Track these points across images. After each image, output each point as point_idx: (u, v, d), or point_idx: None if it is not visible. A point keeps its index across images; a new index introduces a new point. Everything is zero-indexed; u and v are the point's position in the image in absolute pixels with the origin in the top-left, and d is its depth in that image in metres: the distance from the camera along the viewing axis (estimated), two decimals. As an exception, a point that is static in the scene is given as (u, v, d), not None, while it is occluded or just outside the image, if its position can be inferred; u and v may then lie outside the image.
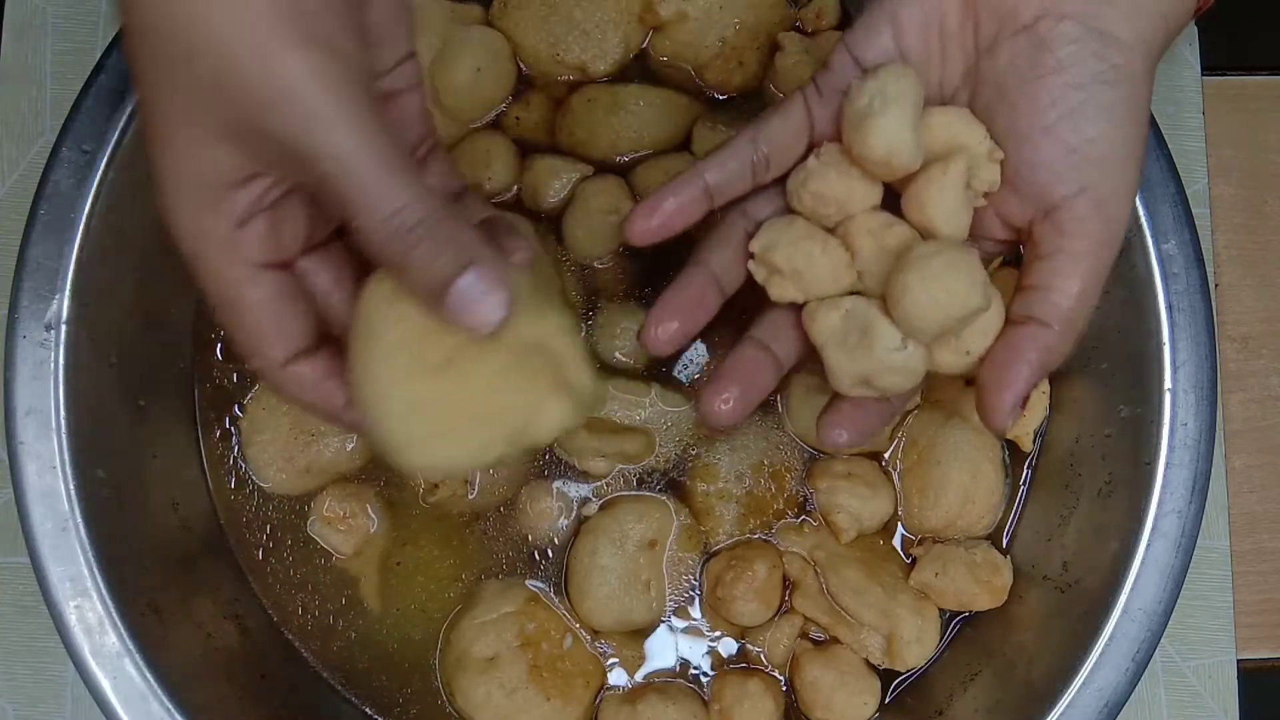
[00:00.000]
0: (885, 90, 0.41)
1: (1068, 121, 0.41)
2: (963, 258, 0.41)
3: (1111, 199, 0.42)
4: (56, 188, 0.50)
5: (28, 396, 0.49)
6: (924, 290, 0.40)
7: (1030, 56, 0.41)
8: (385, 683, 0.57)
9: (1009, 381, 0.42)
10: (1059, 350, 0.42)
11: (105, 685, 0.49)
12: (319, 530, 0.57)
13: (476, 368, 0.38)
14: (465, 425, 0.38)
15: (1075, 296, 0.42)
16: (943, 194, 0.43)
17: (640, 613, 0.56)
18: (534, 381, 0.39)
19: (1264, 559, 0.62)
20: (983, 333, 0.43)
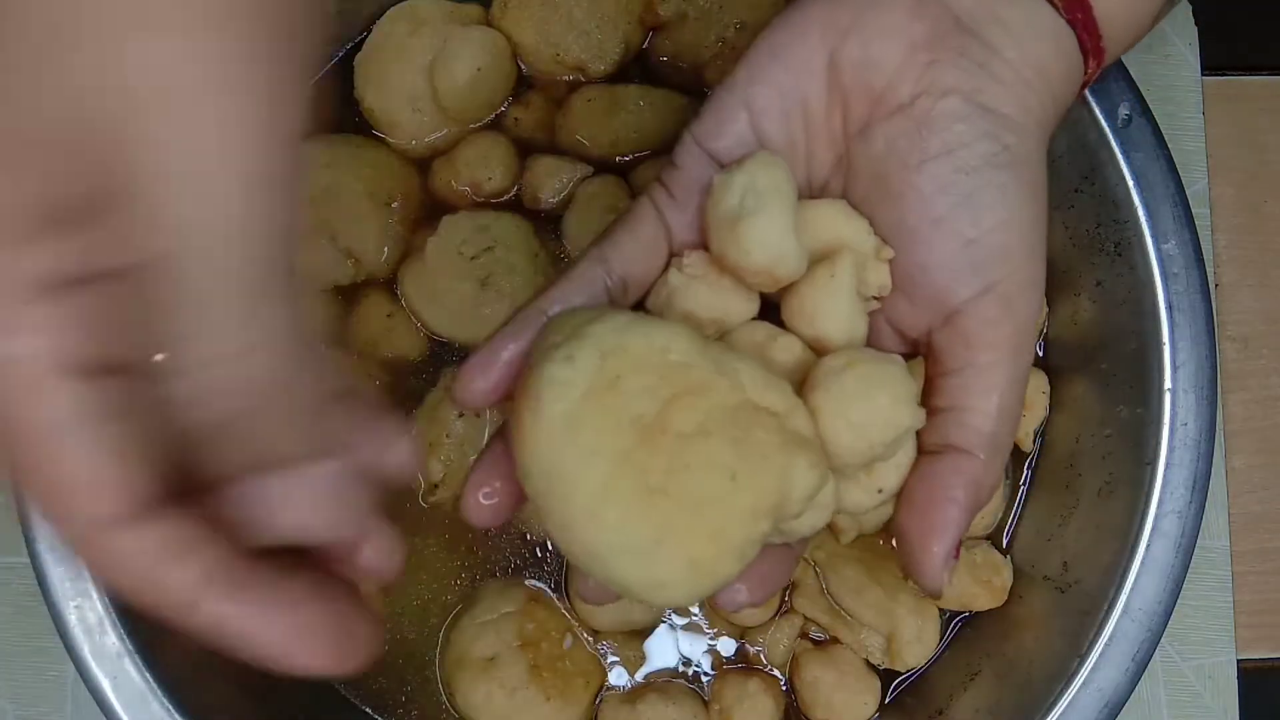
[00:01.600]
0: (757, 184, 0.35)
1: (962, 211, 0.36)
2: (882, 369, 0.35)
3: (1020, 295, 0.36)
4: (56, 188, 0.50)
5: (28, 396, 0.49)
6: (839, 414, 0.34)
7: (911, 140, 0.36)
8: (385, 683, 0.57)
9: (938, 528, 0.36)
10: (988, 482, 0.36)
11: (105, 685, 0.49)
12: (318, 531, 0.57)
13: (703, 467, 0.32)
14: (719, 537, 0.32)
15: (995, 416, 0.36)
16: (835, 301, 0.36)
17: (640, 613, 0.56)
18: (767, 451, 0.33)
19: (1264, 559, 0.62)
20: (896, 466, 0.37)
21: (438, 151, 0.59)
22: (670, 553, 0.31)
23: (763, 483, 0.32)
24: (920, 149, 0.36)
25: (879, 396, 0.34)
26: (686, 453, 0.31)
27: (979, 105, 0.36)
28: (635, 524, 0.31)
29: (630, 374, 0.32)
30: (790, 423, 0.33)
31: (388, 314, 0.57)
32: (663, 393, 0.32)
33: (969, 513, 0.36)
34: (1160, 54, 0.64)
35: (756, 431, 0.32)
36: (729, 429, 0.32)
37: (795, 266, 0.36)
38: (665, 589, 0.32)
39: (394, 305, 0.58)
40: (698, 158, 0.38)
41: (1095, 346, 0.55)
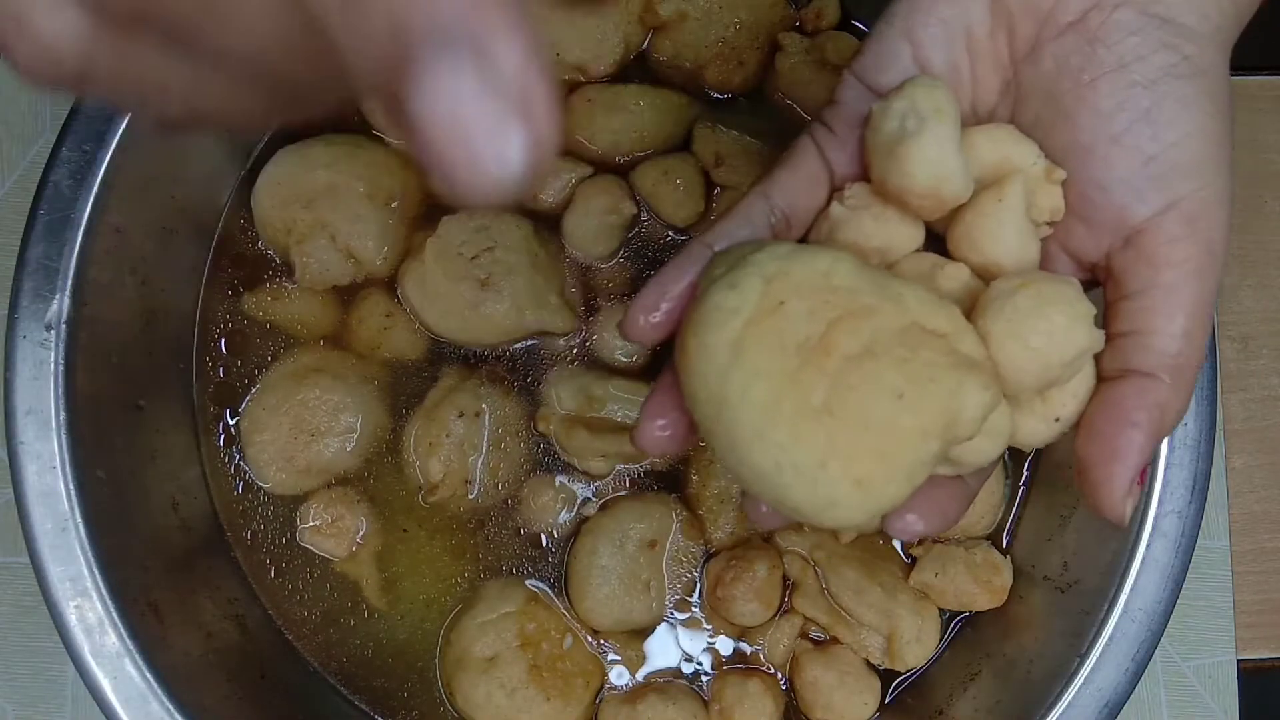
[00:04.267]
0: (918, 106, 0.34)
1: (1141, 126, 0.34)
2: (1056, 288, 0.34)
3: (1205, 213, 0.34)
4: (56, 188, 0.50)
5: (28, 396, 0.49)
6: (1016, 336, 0.33)
7: (1084, 56, 0.35)
8: (385, 683, 0.57)
9: (1119, 453, 0.34)
10: (1174, 407, 0.35)
11: (105, 685, 0.49)
12: (309, 539, 0.57)
13: (868, 387, 0.31)
14: (887, 457, 0.32)
15: (1181, 338, 0.34)
16: (1001, 226, 0.35)
17: (640, 613, 0.56)
18: (935, 373, 0.32)
19: (1264, 559, 0.62)
20: (1074, 395, 0.35)
21: (438, 151, 0.59)
22: (837, 472, 0.31)
23: (931, 402, 0.32)
24: (1094, 64, 0.35)
25: (1054, 315, 0.33)
26: (852, 373, 0.31)
27: (1154, 15, 0.35)
28: (802, 444, 0.31)
29: (793, 298, 0.32)
30: (960, 345, 0.33)
31: (387, 314, 0.57)
32: (826, 315, 0.32)
33: (1154, 439, 0.35)
34: (1160, 54, 0.64)
35: (924, 352, 0.32)
36: (895, 350, 0.32)
37: (960, 187, 0.35)
38: (835, 508, 0.32)
39: (394, 305, 0.58)
40: (859, 93, 0.37)
41: (1095, 346, 0.55)
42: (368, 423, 0.57)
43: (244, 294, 0.58)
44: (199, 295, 0.58)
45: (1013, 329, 0.33)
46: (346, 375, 0.57)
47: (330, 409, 0.56)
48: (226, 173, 0.58)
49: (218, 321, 0.58)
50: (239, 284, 0.58)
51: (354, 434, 0.57)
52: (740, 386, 0.31)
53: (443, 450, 0.56)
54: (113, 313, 0.52)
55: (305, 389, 0.56)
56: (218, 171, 0.58)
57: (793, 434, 0.31)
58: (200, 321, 0.58)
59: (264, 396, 0.57)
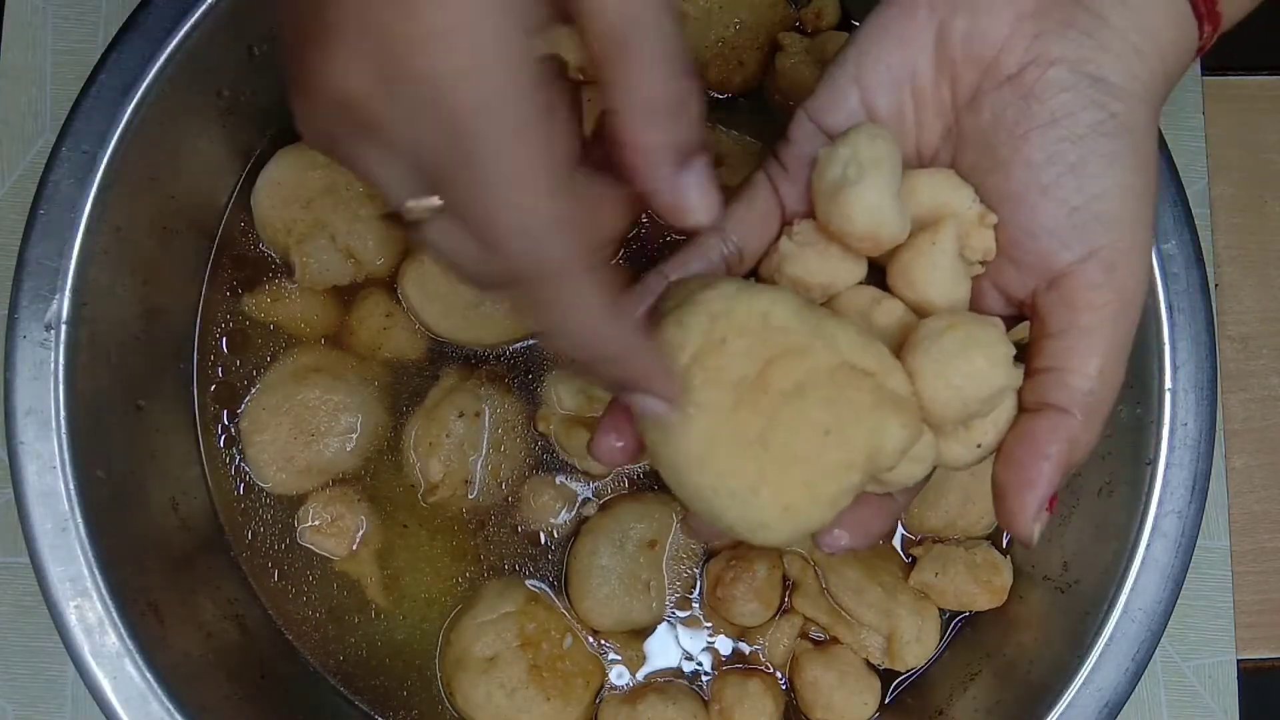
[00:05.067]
0: (860, 155, 0.37)
1: (1068, 178, 0.37)
2: (981, 331, 0.37)
3: (1124, 262, 0.37)
4: (56, 188, 0.50)
5: (28, 396, 0.49)
6: (938, 374, 0.36)
7: (1018, 109, 0.37)
8: (385, 682, 0.57)
9: (1031, 482, 0.37)
10: (1084, 441, 0.37)
11: (105, 685, 0.49)
12: (309, 539, 0.57)
13: (798, 424, 0.35)
14: (812, 487, 0.35)
15: (1095, 378, 0.37)
16: (935, 266, 0.38)
17: (640, 613, 0.56)
18: (860, 412, 0.35)
19: (1264, 559, 0.62)
20: (995, 424, 0.38)
21: (438, 151, 0.59)
22: (767, 499, 0.35)
23: (854, 439, 0.35)
24: (1027, 117, 0.37)
25: (976, 357, 0.36)
26: (784, 410, 0.34)
27: (1086, 74, 0.37)
28: (736, 472, 0.34)
29: (734, 336, 0.35)
30: (886, 382, 0.36)
31: (387, 314, 0.57)
32: (763, 354, 0.35)
33: (1063, 469, 0.37)
34: (1160, 54, 0.64)
35: (850, 391, 0.35)
36: (824, 389, 0.35)
37: (896, 230, 0.37)
38: (765, 529, 0.35)
39: (394, 305, 0.58)
40: (810, 133, 0.40)
41: (1095, 346, 0.55)
42: (368, 423, 0.57)
43: (244, 294, 0.58)
44: (199, 295, 0.58)
45: (938, 368, 0.36)
46: (346, 375, 0.57)
47: (330, 409, 0.56)
48: (226, 173, 0.58)
49: (218, 321, 0.58)
50: (239, 284, 0.58)
51: (354, 434, 0.57)
52: (684, 417, 0.34)
53: (443, 450, 0.56)
54: (113, 313, 0.52)
55: (305, 389, 0.56)
56: (218, 171, 0.58)
57: (729, 463, 0.34)
58: (200, 321, 0.58)
59: (264, 396, 0.57)
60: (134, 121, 0.50)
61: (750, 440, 0.34)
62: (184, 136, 0.54)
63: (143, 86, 0.50)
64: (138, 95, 0.50)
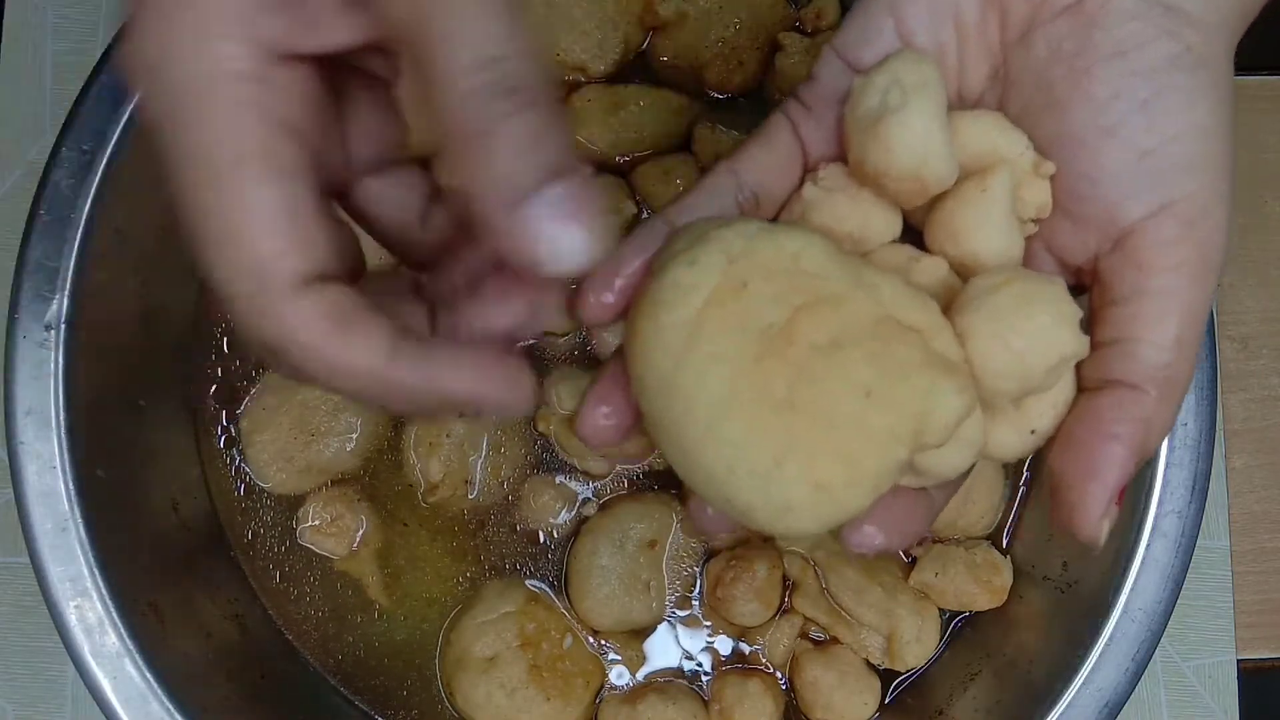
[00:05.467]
0: (902, 81, 0.31)
1: (1137, 117, 0.32)
2: (1041, 287, 0.31)
3: (1204, 215, 0.32)
4: (56, 188, 0.50)
5: (28, 396, 0.49)
6: (994, 334, 0.30)
7: (1079, 41, 0.32)
8: (385, 682, 0.57)
9: (1097, 470, 0.32)
10: (1160, 422, 0.32)
11: (105, 685, 0.49)
12: (309, 539, 0.57)
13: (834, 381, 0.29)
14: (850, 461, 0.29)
15: (1171, 349, 0.32)
16: (984, 218, 0.33)
17: (640, 613, 0.56)
18: (908, 371, 0.29)
19: (1264, 559, 0.62)
20: (1052, 405, 0.33)
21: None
22: (795, 474, 0.29)
23: (902, 403, 0.29)
24: (1090, 50, 0.32)
25: (1039, 315, 0.30)
26: (817, 365, 0.29)
27: (1158, 1, 0.32)
28: (757, 440, 0.29)
29: (758, 279, 0.29)
30: (935, 343, 0.30)
31: (388, 314, 0.57)
32: (793, 300, 0.29)
33: (1136, 456, 0.32)
34: (1160, 54, 0.64)
35: (897, 347, 0.29)
36: (866, 343, 0.29)
37: (945, 170, 0.32)
38: (789, 513, 0.29)
39: (394, 305, 0.58)
40: (838, 70, 0.35)
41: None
42: (368, 423, 0.57)
43: (244, 294, 0.58)
44: (199, 295, 0.58)
45: (993, 328, 0.31)
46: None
47: (330, 409, 0.56)
48: (226, 173, 0.58)
49: (218, 321, 0.58)
50: (239, 284, 0.58)
51: (354, 434, 0.57)
52: (695, 372, 0.29)
53: (443, 450, 0.56)
54: (113, 313, 0.52)
55: (305, 389, 0.56)
56: (218, 171, 0.58)
57: (749, 427, 0.29)
58: (200, 321, 0.58)
59: (264, 396, 0.57)
60: (134, 121, 0.50)
61: (776, 400, 0.28)
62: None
63: (143, 86, 0.50)
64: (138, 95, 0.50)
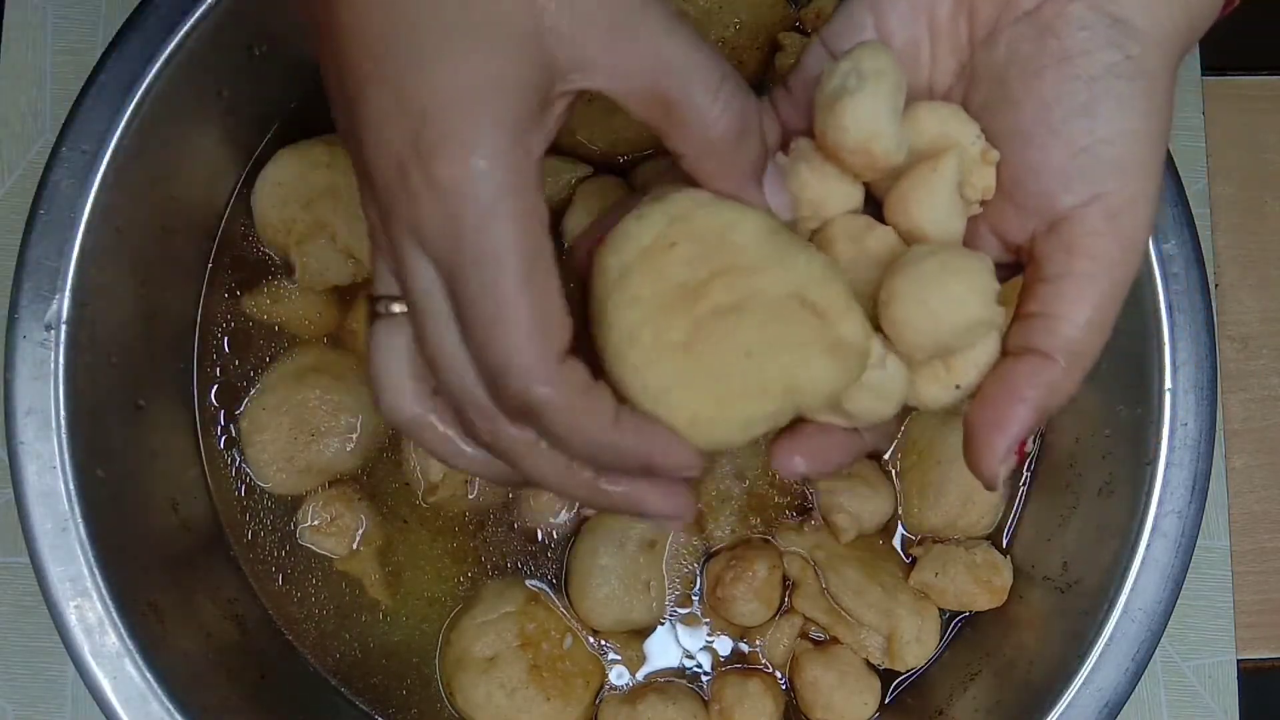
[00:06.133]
0: (861, 67, 0.36)
1: (1078, 119, 0.36)
2: (964, 260, 0.36)
3: (1128, 210, 0.36)
4: (56, 188, 0.50)
5: (28, 396, 0.49)
6: (916, 297, 0.35)
7: (1034, 45, 0.36)
8: (385, 682, 0.57)
9: (1002, 422, 0.36)
10: (1064, 389, 0.37)
11: (105, 685, 0.49)
12: (309, 539, 0.57)
13: (724, 338, 0.34)
14: (722, 404, 0.35)
15: (1084, 326, 0.36)
16: (932, 195, 0.37)
17: (640, 613, 0.56)
18: (791, 343, 0.35)
19: (1264, 559, 0.62)
20: (975, 365, 0.37)
21: (438, 151, 0.59)
22: (676, 402, 0.35)
23: (773, 368, 0.35)
24: (1042, 54, 0.36)
25: (954, 283, 0.35)
26: (715, 323, 0.34)
27: (1107, 13, 0.36)
28: (654, 369, 0.34)
29: (685, 242, 0.35)
30: (838, 325, 0.35)
31: (388, 314, 0.57)
32: (710, 265, 0.34)
33: (1038, 415, 0.36)
34: (1160, 54, 0.64)
35: (789, 323, 0.35)
36: (762, 313, 0.34)
37: (889, 146, 0.36)
38: (680, 430, 0.35)
39: (394, 305, 0.58)
40: (821, 58, 0.40)
41: (1095, 346, 0.55)
42: (368, 423, 0.57)
43: (244, 294, 0.58)
44: (199, 295, 0.58)
45: (915, 290, 0.35)
46: (346, 375, 0.57)
47: (330, 409, 0.56)
48: (226, 173, 0.58)
49: (218, 321, 0.58)
50: (239, 284, 0.58)
51: (354, 434, 0.57)
52: (615, 307, 0.34)
53: (443, 450, 0.56)
54: (113, 313, 0.52)
55: (305, 389, 0.56)
56: (218, 171, 0.58)
57: (646, 359, 0.34)
58: (200, 321, 0.58)
59: (264, 396, 0.57)
60: (134, 121, 0.50)
61: (672, 343, 0.34)
62: (184, 136, 0.54)
63: (143, 86, 0.50)
64: (138, 95, 0.50)
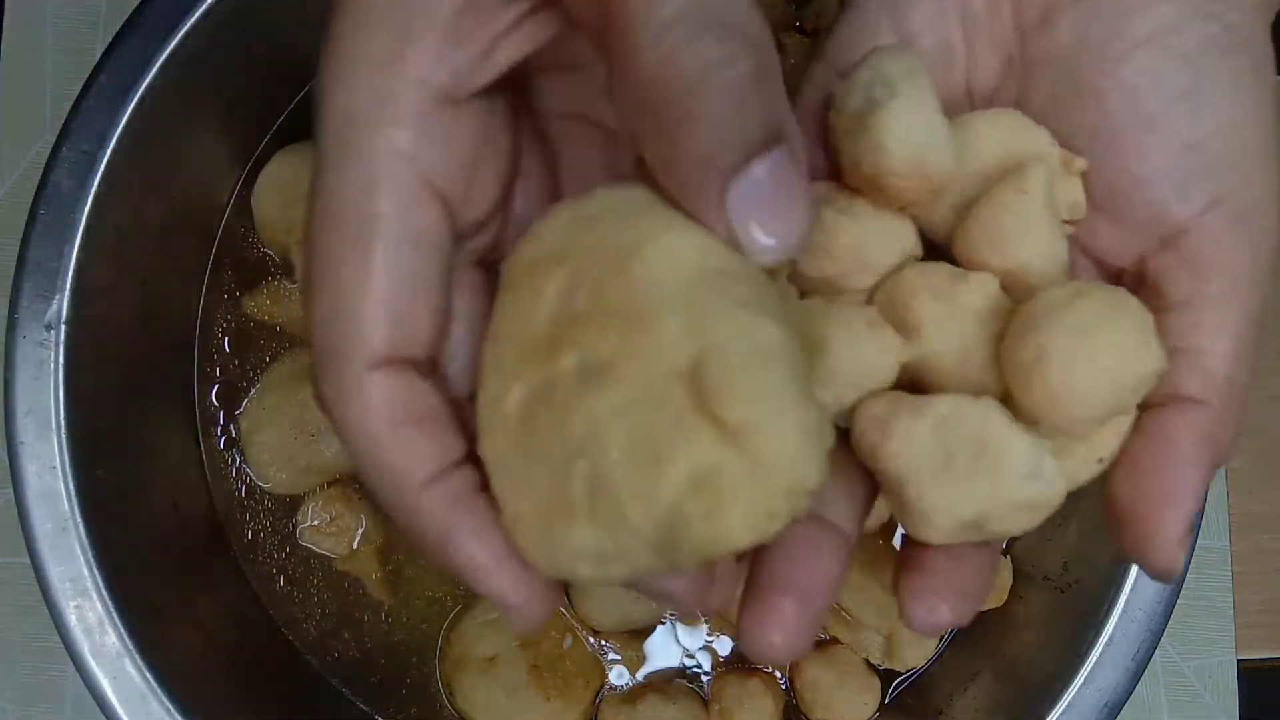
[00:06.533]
0: (885, 74, 0.29)
1: (1180, 107, 0.29)
2: (1119, 297, 0.28)
3: (1255, 211, 0.29)
4: (56, 188, 0.50)
5: (28, 396, 0.49)
6: (1078, 350, 0.27)
7: (1109, 24, 0.30)
8: (385, 682, 0.57)
9: (1170, 496, 0.28)
10: (1224, 437, 0.29)
11: (105, 685, 0.49)
12: (309, 539, 0.57)
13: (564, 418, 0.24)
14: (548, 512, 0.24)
15: (1230, 359, 0.29)
16: (1026, 222, 0.29)
17: (640, 613, 0.56)
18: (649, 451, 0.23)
19: (1264, 559, 0.62)
20: (1118, 430, 0.29)
21: (438, 151, 0.59)
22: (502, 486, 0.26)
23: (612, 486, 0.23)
24: (1120, 35, 0.30)
25: (1126, 327, 0.27)
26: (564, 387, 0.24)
27: None
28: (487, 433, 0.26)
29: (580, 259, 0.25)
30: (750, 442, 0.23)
31: (388, 314, 0.57)
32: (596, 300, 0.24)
33: (1206, 474, 0.29)
34: (1160, 54, 0.63)
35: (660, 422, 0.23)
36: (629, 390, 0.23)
37: (943, 158, 0.28)
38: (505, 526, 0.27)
39: (394, 305, 0.58)
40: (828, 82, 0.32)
41: (1095, 346, 0.55)
42: (368, 423, 0.57)
43: (244, 294, 0.58)
44: (199, 295, 0.58)
45: (1079, 343, 0.27)
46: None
47: (330, 409, 0.56)
48: (226, 173, 0.58)
49: (218, 321, 0.58)
50: (239, 284, 0.58)
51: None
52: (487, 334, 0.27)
53: (443, 450, 0.56)
54: (113, 313, 0.52)
55: (305, 389, 0.56)
56: (218, 171, 0.58)
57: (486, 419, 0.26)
58: (200, 321, 0.58)
59: (264, 396, 0.57)
60: (134, 121, 0.50)
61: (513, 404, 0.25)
62: (184, 136, 0.54)
63: (143, 86, 0.50)
64: (138, 95, 0.50)
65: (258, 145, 0.59)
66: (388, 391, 0.26)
